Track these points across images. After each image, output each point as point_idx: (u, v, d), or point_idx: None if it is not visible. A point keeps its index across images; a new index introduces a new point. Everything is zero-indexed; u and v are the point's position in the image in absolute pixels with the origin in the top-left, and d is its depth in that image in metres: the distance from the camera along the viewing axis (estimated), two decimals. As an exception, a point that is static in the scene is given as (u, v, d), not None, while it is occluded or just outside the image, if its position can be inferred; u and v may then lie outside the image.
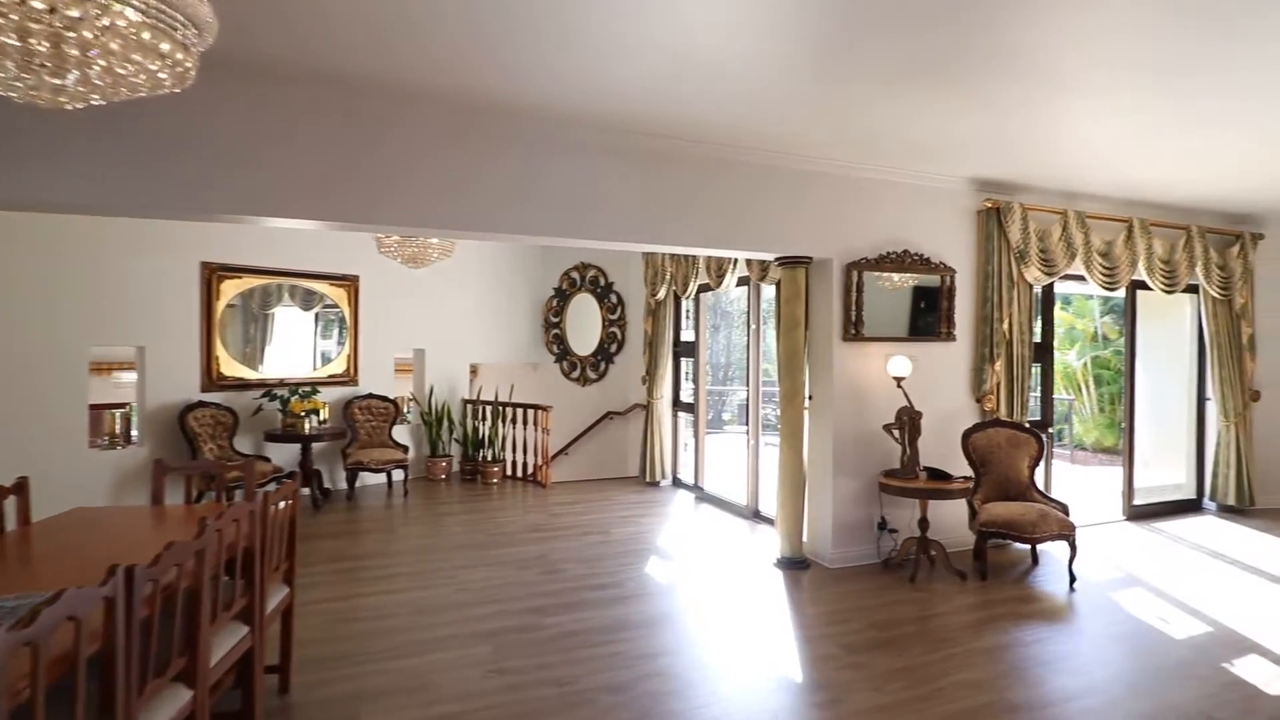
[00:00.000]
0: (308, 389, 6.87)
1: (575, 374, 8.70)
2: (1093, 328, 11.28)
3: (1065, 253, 5.55)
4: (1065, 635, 3.84)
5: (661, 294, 7.50)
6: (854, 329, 5.01)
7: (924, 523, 4.83)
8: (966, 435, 5.20)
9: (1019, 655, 3.58)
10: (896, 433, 4.93)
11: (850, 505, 5.07)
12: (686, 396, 7.86)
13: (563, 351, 8.76)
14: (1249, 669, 3.39)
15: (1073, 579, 4.64)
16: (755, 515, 6.31)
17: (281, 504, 3.06)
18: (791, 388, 5.03)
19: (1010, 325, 5.41)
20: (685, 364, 7.93)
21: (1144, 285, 6.15)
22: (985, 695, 3.16)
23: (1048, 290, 5.90)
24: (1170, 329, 6.81)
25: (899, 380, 4.95)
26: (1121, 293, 6.27)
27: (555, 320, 8.79)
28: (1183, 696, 3.12)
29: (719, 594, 4.45)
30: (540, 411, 7.62)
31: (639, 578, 4.71)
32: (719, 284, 6.26)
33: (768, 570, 4.90)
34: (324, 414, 6.84)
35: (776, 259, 5.03)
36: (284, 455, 6.75)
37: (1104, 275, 5.74)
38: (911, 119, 4.02)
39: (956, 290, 5.33)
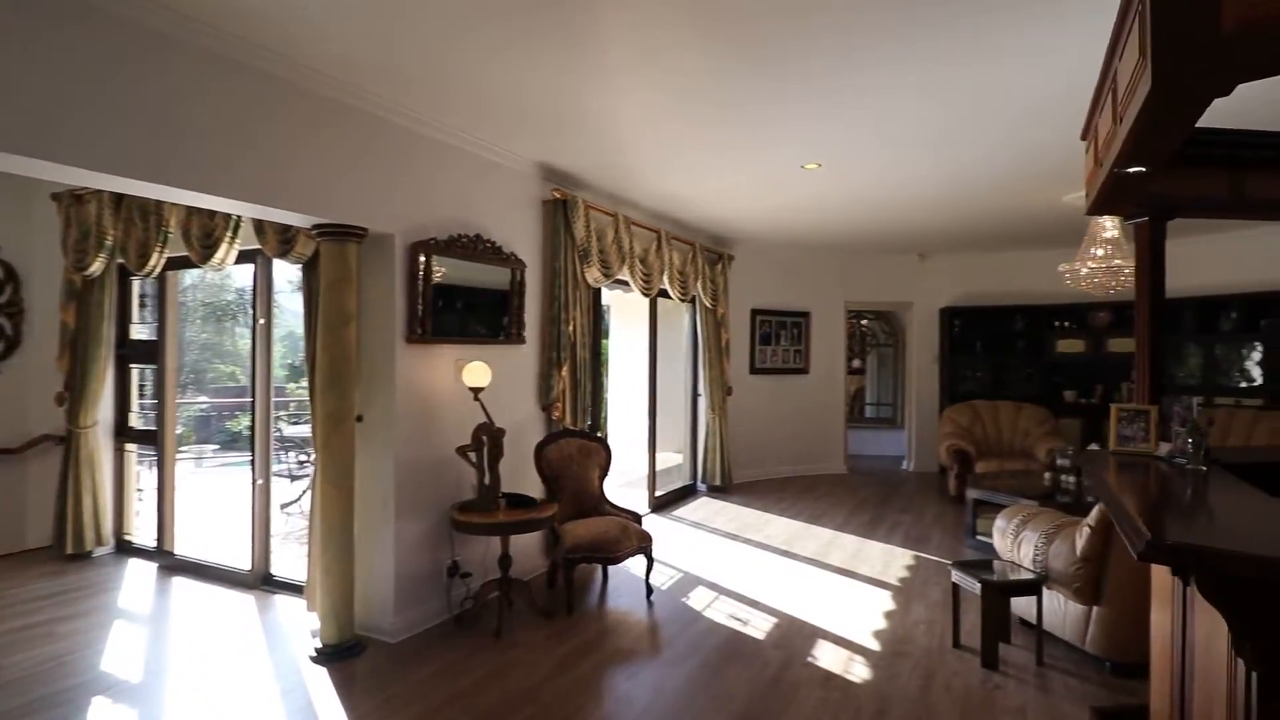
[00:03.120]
0: None
1: (-90, 393, 5.20)
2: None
3: (618, 255, 5.50)
4: (676, 669, 3.49)
5: (96, 268, 4.93)
6: (421, 328, 3.89)
7: (506, 560, 4.04)
8: (540, 449, 4.62)
9: (648, 714, 3.07)
10: (474, 455, 4.01)
11: (416, 554, 3.95)
12: (143, 421, 5.40)
13: (-121, 355, 5.15)
14: (827, 658, 3.58)
15: (650, 592, 4.49)
16: (267, 582, 4.57)
17: None
18: (339, 406, 3.62)
19: (575, 328, 5.06)
20: (140, 373, 5.45)
21: (665, 294, 6.63)
22: (645, 791, 2.53)
23: (596, 295, 5.80)
24: (674, 333, 7.59)
25: (476, 391, 4.04)
26: (646, 300, 6.67)
27: None
28: (804, 712, 3.04)
29: (236, 743, 2.80)
30: None
31: (71, 756, 2.69)
32: (207, 257, 4.28)
33: (306, 671, 3.40)
34: None
35: (316, 228, 3.55)
36: None
37: (643, 281, 5.92)
38: (489, 61, 3.14)
39: (527, 287, 4.71)
